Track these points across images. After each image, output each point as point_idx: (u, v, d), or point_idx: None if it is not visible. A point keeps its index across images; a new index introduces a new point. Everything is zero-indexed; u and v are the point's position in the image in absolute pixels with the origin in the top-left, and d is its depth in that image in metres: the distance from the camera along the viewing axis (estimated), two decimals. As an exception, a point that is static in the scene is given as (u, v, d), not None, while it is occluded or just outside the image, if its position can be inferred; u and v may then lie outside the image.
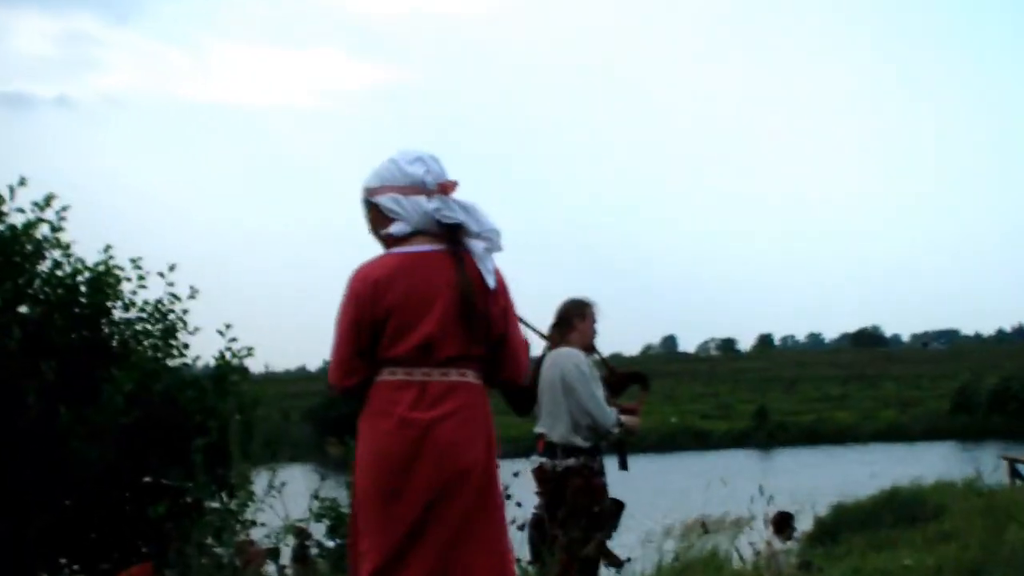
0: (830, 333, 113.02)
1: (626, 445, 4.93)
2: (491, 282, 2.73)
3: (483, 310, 2.70)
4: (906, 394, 45.26)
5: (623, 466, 4.89)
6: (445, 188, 2.77)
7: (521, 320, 4.37)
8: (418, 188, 2.75)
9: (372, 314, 2.66)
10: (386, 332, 2.66)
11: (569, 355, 4.72)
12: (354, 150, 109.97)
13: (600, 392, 4.73)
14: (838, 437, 35.41)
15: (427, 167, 2.78)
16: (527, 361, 2.89)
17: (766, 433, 36.35)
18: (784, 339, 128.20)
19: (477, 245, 2.75)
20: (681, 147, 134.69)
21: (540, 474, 4.71)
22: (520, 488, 4.41)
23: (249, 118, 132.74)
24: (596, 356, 4.98)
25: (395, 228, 2.75)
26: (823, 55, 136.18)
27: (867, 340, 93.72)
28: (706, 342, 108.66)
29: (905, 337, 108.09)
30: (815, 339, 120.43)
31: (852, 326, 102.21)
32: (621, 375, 5.11)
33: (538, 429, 4.81)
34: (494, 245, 2.79)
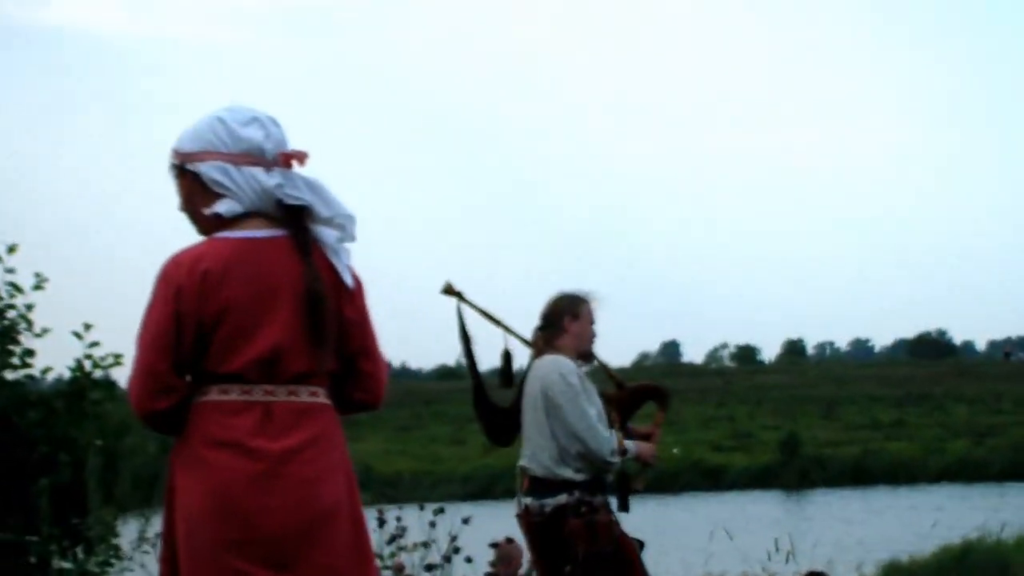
0: (881, 339, 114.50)
1: (631, 480, 5.06)
2: (347, 279, 2.79)
3: (337, 314, 2.76)
4: (982, 420, 45.78)
5: (623, 506, 5.00)
6: (289, 159, 2.81)
7: (495, 322, 4.44)
8: (254, 157, 2.79)
9: (199, 314, 2.68)
10: (216, 339, 2.69)
11: (555, 364, 4.83)
12: (260, 91, 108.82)
13: (594, 410, 4.82)
14: (891, 475, 35.76)
15: (266, 131, 2.82)
16: (386, 380, 2.97)
17: (796, 470, 36.65)
18: (820, 347, 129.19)
19: (328, 233, 2.80)
20: (686, 114, 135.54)
21: (525, 520, 4.83)
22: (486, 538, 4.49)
23: (113, 49, 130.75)
24: (594, 364, 5.13)
25: (223, 207, 2.78)
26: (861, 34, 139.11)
27: (930, 349, 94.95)
28: (718, 349, 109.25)
29: (980, 345, 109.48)
30: (861, 347, 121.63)
31: (910, 330, 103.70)
32: (632, 390, 5.24)
33: (521, 462, 4.94)
34: (347, 234, 2.84)
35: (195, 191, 2.81)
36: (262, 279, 2.72)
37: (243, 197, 2.78)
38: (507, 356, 5.19)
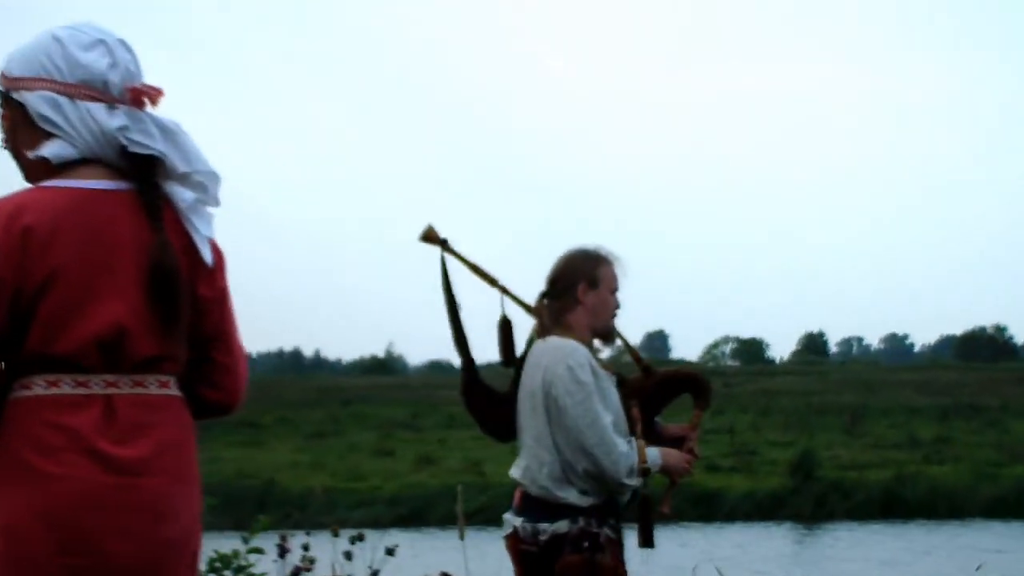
0: (923, 335, 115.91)
1: (654, 504, 4.88)
2: (205, 252, 2.75)
3: (191, 289, 2.75)
4: (1047, 438, 46.26)
5: (646, 540, 4.90)
6: (139, 96, 2.75)
7: (490, 280, 4.24)
8: (94, 90, 2.73)
9: (17, 282, 2.60)
10: (40, 314, 2.61)
11: (560, 351, 4.68)
12: None
13: (609, 417, 4.65)
14: (931, 507, 35.96)
15: (113, 58, 2.75)
16: (245, 376, 2.99)
17: (812, 497, 36.77)
18: (845, 343, 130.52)
19: (183, 193, 2.76)
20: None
21: (513, 546, 4.76)
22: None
23: None
24: (612, 346, 4.97)
25: (50, 149, 2.72)
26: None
27: (984, 349, 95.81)
28: (717, 344, 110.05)
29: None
30: (897, 345, 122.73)
31: (959, 325, 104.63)
32: (661, 378, 5.10)
33: (512, 472, 4.86)
34: (209, 196, 2.80)
35: (19, 126, 2.75)
36: (99, 241, 2.66)
37: (77, 139, 2.71)
38: (507, 325, 5.05)
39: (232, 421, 51.32)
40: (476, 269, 5.07)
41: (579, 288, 4.79)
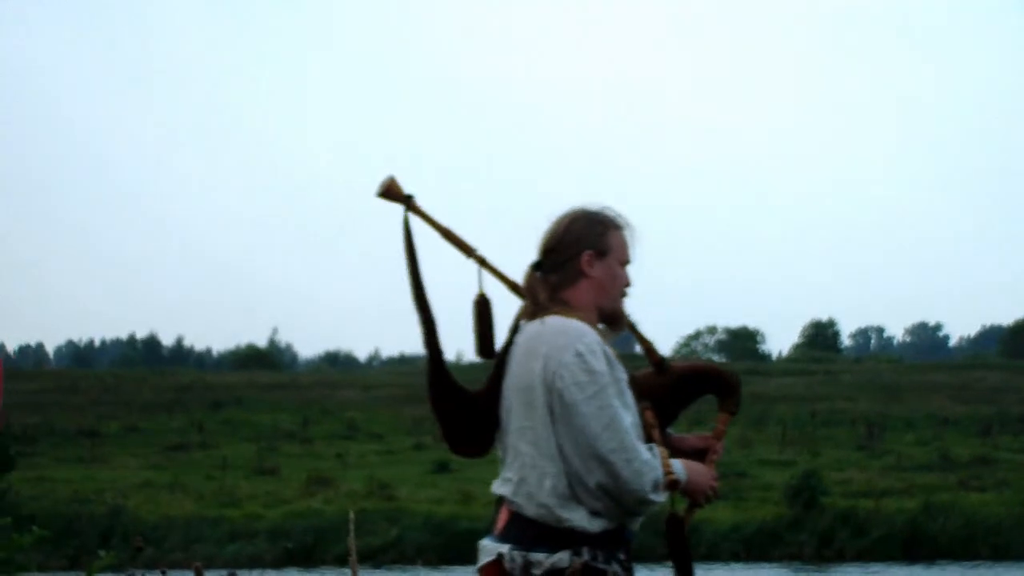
0: (960, 326, 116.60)
1: (685, 528, 4.95)
2: None
3: None
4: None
5: (684, 572, 4.94)
6: None
7: (464, 249, 4.30)
8: None
9: None
10: None
11: (565, 334, 4.66)
12: None
13: (630, 416, 4.67)
14: (966, 545, 36.25)
15: None
16: None
17: (815, 532, 37.03)
18: (861, 335, 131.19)
19: None
20: None
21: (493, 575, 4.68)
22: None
23: None
24: (618, 333, 4.94)
25: None
26: None
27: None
28: (700, 334, 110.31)
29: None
30: (928, 338, 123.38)
31: (1005, 315, 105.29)
32: (679, 375, 5.15)
33: (497, 487, 4.77)
34: None
35: None
36: None
37: None
38: (484, 305, 5.02)
39: (66, 431, 51.16)
40: (448, 234, 5.04)
41: (583, 258, 4.78)
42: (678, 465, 4.77)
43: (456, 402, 4.94)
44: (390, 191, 5.02)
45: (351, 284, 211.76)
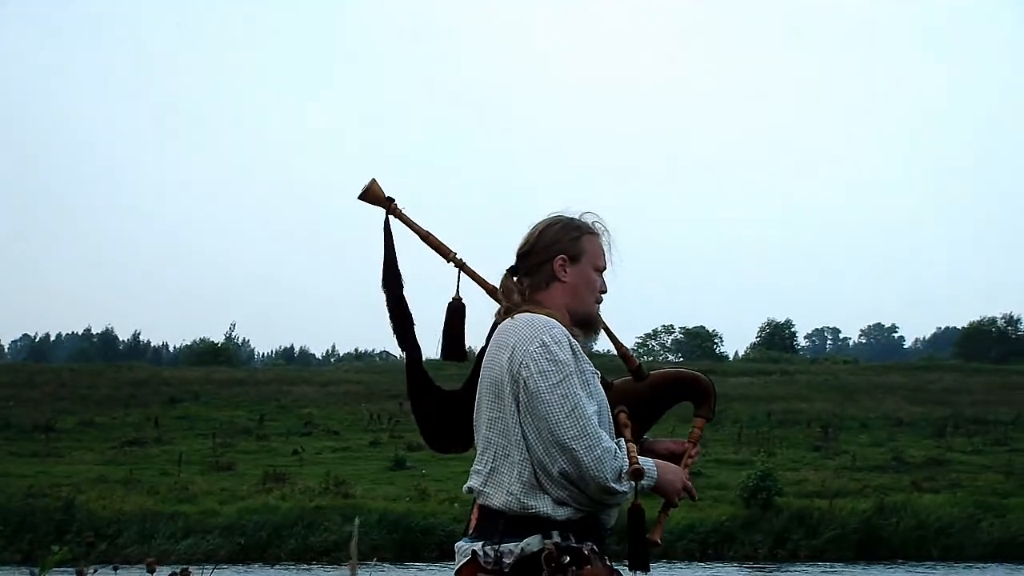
0: (916, 328, 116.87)
1: (644, 525, 4.90)
2: None
3: None
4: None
5: (638, 562, 4.88)
6: None
7: (443, 252, 4.29)
8: None
9: None
10: None
11: (531, 326, 4.71)
12: None
13: (593, 406, 4.69)
14: (920, 545, 36.38)
15: None
16: None
17: (770, 532, 37.10)
18: (817, 335, 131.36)
19: None
20: None
21: (469, 575, 4.70)
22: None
23: None
24: (593, 338, 5.02)
25: None
26: None
27: (993, 346, 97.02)
28: (659, 333, 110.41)
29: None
30: (883, 339, 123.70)
31: (961, 317, 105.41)
32: (655, 381, 5.23)
33: (470, 482, 4.81)
34: None
35: None
36: None
37: None
38: (457, 310, 5.15)
39: (21, 425, 50.93)
40: (427, 238, 5.13)
41: (556, 263, 4.85)
42: (649, 463, 4.77)
43: (434, 401, 5.14)
44: (371, 193, 5.12)
45: (308, 281, 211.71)
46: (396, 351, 5.32)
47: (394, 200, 5.12)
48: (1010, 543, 36.04)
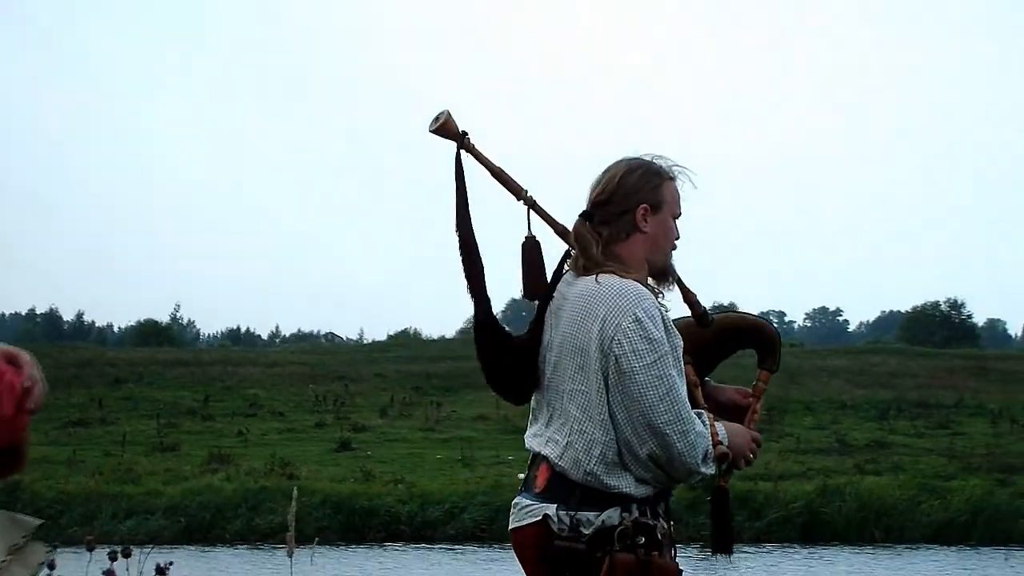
0: (859, 312, 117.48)
1: (728, 507, 5.06)
2: None
3: None
4: (1012, 446, 46.87)
5: (723, 546, 5.10)
6: None
7: (517, 193, 4.29)
8: None
9: None
10: None
11: (623, 296, 4.57)
12: None
13: (684, 386, 4.59)
14: (862, 528, 36.56)
15: None
16: None
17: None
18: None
19: None
20: None
21: (536, 540, 4.55)
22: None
23: None
24: (668, 288, 4.84)
25: None
26: None
27: (936, 330, 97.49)
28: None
29: (1015, 328, 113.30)
30: (827, 323, 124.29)
31: (905, 300, 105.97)
32: (720, 327, 5.12)
33: (538, 445, 4.68)
34: None
35: None
36: None
37: None
38: (535, 246, 4.93)
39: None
40: (500, 175, 4.95)
41: (639, 212, 4.71)
42: (723, 432, 4.75)
43: (502, 350, 4.86)
44: (445, 127, 4.90)
45: (252, 262, 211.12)
46: (342, 333, 5.23)
47: (467, 134, 4.89)
48: (950, 525, 36.11)
